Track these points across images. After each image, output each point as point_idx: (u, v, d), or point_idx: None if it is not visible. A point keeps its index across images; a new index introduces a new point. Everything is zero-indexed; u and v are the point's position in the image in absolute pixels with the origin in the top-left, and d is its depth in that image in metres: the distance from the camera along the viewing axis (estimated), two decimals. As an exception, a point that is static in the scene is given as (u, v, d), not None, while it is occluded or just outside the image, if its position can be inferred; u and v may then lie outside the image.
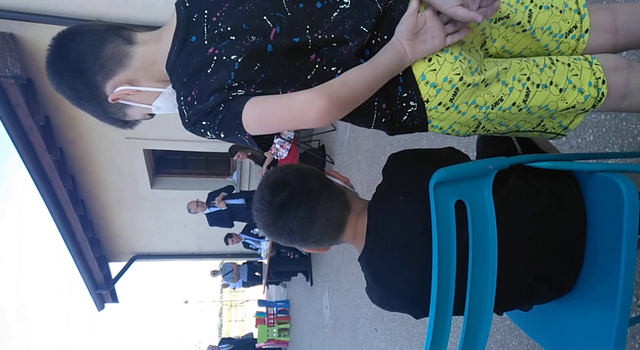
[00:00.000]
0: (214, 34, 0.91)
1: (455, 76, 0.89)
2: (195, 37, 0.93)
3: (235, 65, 0.87)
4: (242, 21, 0.91)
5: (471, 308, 0.84)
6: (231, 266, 8.49)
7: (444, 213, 0.83)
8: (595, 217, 0.90)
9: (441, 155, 1.03)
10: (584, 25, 0.97)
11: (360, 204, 1.01)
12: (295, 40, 0.90)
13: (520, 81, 0.91)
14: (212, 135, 0.92)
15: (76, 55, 0.93)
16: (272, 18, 0.91)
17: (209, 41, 0.91)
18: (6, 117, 4.52)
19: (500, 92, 0.91)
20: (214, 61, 0.89)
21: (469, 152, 1.17)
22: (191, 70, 0.91)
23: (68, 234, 6.39)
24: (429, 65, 0.90)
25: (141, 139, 6.29)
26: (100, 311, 8.26)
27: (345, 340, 4.81)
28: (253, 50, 0.88)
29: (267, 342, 8.98)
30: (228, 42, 0.90)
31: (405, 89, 0.92)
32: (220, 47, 0.90)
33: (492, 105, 0.91)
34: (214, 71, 0.89)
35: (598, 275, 0.88)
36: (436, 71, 0.90)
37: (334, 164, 5.61)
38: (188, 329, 61.18)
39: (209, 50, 0.90)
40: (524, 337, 1.96)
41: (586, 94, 0.93)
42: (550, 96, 0.92)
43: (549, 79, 0.92)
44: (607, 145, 1.64)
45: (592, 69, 0.94)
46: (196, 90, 0.90)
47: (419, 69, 0.91)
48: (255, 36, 0.90)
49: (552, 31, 0.98)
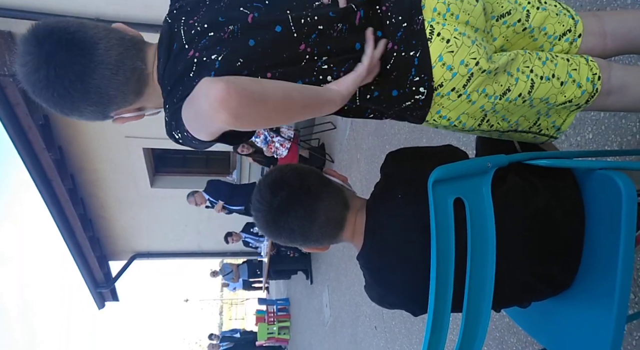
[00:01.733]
0: (191, 34, 0.88)
1: (472, 60, 0.88)
2: (176, 44, 0.90)
3: (216, 65, 0.84)
4: (218, 15, 0.89)
5: (469, 305, 0.84)
6: (230, 267, 8.48)
7: (442, 210, 0.83)
8: (593, 215, 0.90)
9: (439, 152, 1.03)
10: (578, 29, 1.01)
11: (358, 202, 1.01)
12: (277, 30, 0.85)
13: (524, 73, 0.92)
14: (179, 136, 0.88)
15: (99, 90, 0.84)
16: (248, 8, 0.89)
17: (188, 43, 0.88)
18: (5, 116, 4.52)
19: (507, 82, 0.92)
20: (194, 64, 0.85)
21: (468, 150, 1.17)
22: (174, 78, 0.87)
23: (68, 232, 6.39)
24: (447, 46, 0.88)
25: (141, 137, 6.29)
26: (100, 310, 8.28)
27: (345, 338, 4.82)
28: (235, 46, 0.84)
29: (267, 340, 9.00)
30: (206, 39, 0.86)
31: (418, 72, 0.89)
32: (200, 47, 0.86)
33: (500, 95, 0.92)
34: (196, 74, 0.85)
35: (596, 272, 0.89)
36: (454, 53, 0.88)
37: (334, 163, 5.62)
38: (188, 328, 61.32)
39: (189, 53, 0.86)
40: (522, 334, 1.97)
41: (583, 88, 0.95)
42: (552, 89, 0.93)
43: (551, 71, 0.93)
44: (606, 143, 1.64)
45: (589, 65, 0.96)
46: (179, 94, 0.86)
47: (437, 50, 0.88)
48: (233, 25, 0.86)
49: (547, 32, 1.00)
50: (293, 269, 7.91)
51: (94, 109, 0.88)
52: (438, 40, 0.88)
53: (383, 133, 3.88)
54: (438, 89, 0.90)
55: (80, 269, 7.18)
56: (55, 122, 5.50)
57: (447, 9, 0.91)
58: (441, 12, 0.91)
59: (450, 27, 0.89)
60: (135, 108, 0.94)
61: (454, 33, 0.88)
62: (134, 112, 0.95)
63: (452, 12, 0.91)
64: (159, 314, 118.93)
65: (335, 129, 5.78)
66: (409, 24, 0.89)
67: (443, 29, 0.89)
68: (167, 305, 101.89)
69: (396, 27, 0.90)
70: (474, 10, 0.92)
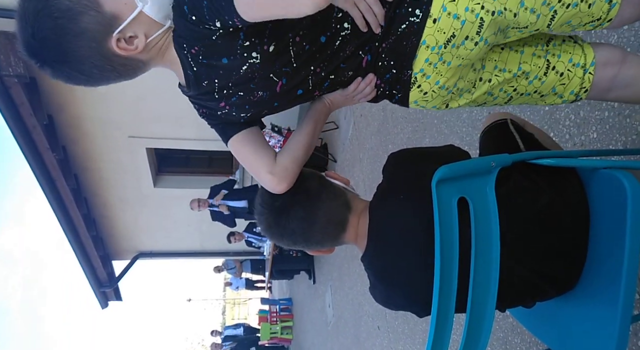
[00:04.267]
0: (223, 93, 0.94)
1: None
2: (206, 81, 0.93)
3: (241, 120, 0.99)
4: (250, 82, 0.92)
5: (473, 306, 0.84)
6: (233, 263, 8.50)
7: (446, 210, 0.83)
8: (598, 214, 0.90)
9: (441, 152, 1.03)
10: (610, 15, 0.91)
11: (361, 204, 1.01)
12: (299, 93, 0.97)
13: (506, 92, 1.01)
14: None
15: None
16: (277, 74, 0.92)
17: (219, 97, 0.94)
18: (10, 116, 4.54)
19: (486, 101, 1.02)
20: (223, 114, 0.98)
21: (471, 151, 1.17)
22: None
23: (71, 232, 6.41)
24: (423, 97, 0.96)
25: (144, 137, 6.30)
26: (104, 309, 8.30)
27: (348, 338, 4.82)
28: (261, 106, 0.97)
29: (270, 340, 9.00)
30: (237, 98, 0.94)
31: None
32: (231, 104, 0.95)
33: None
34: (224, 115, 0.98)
35: (601, 272, 0.88)
36: (427, 102, 0.97)
37: (337, 162, 5.61)
38: (191, 327, 61.48)
39: (220, 104, 0.95)
40: (526, 334, 1.96)
41: (565, 99, 1.01)
42: (529, 99, 1.03)
43: (534, 89, 1.00)
44: (610, 142, 1.64)
45: (583, 79, 0.97)
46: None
47: (413, 97, 0.97)
48: (262, 91, 0.93)
49: (572, 24, 0.92)
50: (296, 269, 7.91)
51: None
52: (417, 91, 0.96)
53: (386, 132, 3.88)
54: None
55: (83, 269, 7.21)
56: (59, 122, 5.52)
57: (440, 58, 0.90)
58: (432, 62, 0.91)
59: (432, 81, 0.94)
60: None
61: (434, 87, 0.94)
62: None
63: (445, 60, 0.90)
64: (162, 314, 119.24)
65: (337, 128, 5.78)
66: (397, 72, 0.95)
67: (424, 82, 0.94)
68: (170, 305, 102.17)
69: (386, 69, 0.96)
70: (469, 55, 0.90)
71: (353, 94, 1.00)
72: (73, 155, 6.05)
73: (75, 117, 5.54)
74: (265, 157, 0.96)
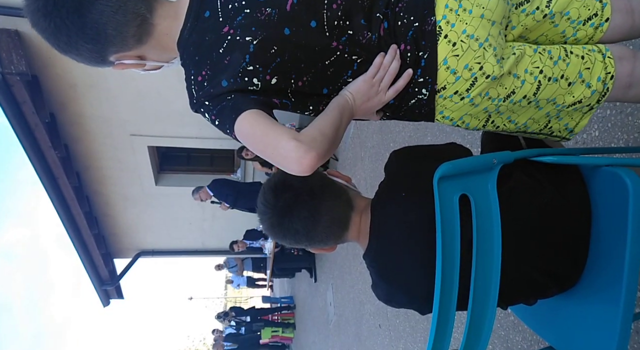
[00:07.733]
0: (228, 9, 0.89)
1: (475, 65, 0.88)
2: (208, 12, 0.90)
3: (250, 48, 0.86)
4: None
5: (475, 303, 0.84)
6: (235, 261, 8.52)
7: (448, 207, 0.83)
8: (600, 212, 0.90)
9: (443, 150, 1.03)
10: (605, 14, 0.96)
11: (363, 202, 1.01)
12: (312, 25, 0.88)
13: (532, 74, 0.91)
14: (209, 118, 0.90)
15: (96, 26, 0.84)
16: None
17: (223, 18, 0.88)
18: (12, 114, 4.54)
19: (512, 84, 0.91)
20: (227, 41, 0.87)
21: (473, 148, 1.17)
22: (204, 49, 0.88)
23: (73, 230, 6.42)
24: (453, 50, 0.89)
25: (146, 136, 6.31)
26: (105, 307, 8.31)
27: (349, 337, 4.82)
28: (270, 32, 0.86)
29: (271, 338, 9.02)
30: (242, 17, 0.87)
31: (424, 74, 0.91)
32: (236, 25, 0.87)
33: (504, 98, 0.91)
34: (227, 51, 0.86)
35: (602, 270, 0.88)
36: (459, 57, 0.88)
37: (338, 161, 5.61)
38: (193, 325, 61.60)
39: (223, 28, 0.88)
40: (527, 332, 1.96)
41: (593, 88, 0.92)
42: (558, 89, 0.92)
43: (561, 72, 0.92)
44: (612, 140, 1.63)
45: (605, 62, 0.93)
46: (207, 70, 0.88)
47: (443, 52, 0.89)
48: (271, 7, 0.87)
49: (571, 17, 0.96)
50: (297, 267, 7.93)
51: (91, 47, 0.87)
52: (445, 43, 0.89)
53: (387, 131, 3.87)
54: (441, 92, 0.91)
55: (85, 267, 7.22)
56: (62, 120, 5.53)
57: (460, 5, 0.89)
58: (453, 9, 0.89)
59: (458, 29, 0.88)
60: (135, 55, 0.93)
61: (462, 36, 0.88)
62: (135, 60, 0.94)
63: (465, 7, 0.89)
64: (164, 312, 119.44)
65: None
66: (420, 24, 0.90)
67: (451, 31, 0.88)
68: (172, 303, 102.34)
69: (407, 27, 0.90)
70: (488, 3, 0.89)
71: (376, 79, 0.91)
72: (75, 153, 6.05)
73: (77, 115, 5.54)
74: (286, 129, 0.83)
